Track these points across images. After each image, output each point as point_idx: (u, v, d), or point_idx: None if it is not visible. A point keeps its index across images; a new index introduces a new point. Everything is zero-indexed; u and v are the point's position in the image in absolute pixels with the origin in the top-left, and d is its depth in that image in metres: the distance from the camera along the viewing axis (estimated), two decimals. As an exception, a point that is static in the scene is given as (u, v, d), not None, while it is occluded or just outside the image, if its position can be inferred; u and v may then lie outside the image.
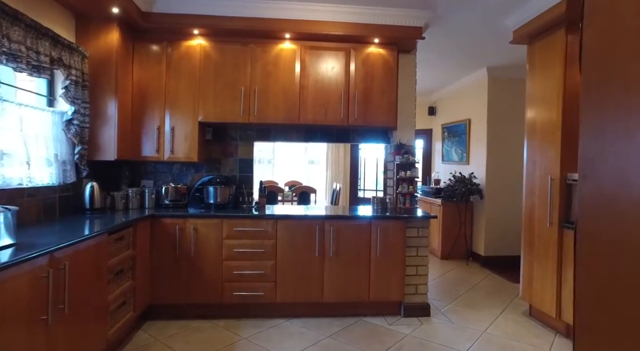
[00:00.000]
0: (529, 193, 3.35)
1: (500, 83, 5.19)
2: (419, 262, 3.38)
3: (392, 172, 3.85)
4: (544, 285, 3.12)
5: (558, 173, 2.98)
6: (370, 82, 3.55)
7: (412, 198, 3.63)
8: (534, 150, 3.29)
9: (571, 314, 2.82)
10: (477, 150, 5.44)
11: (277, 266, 3.22)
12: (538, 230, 3.20)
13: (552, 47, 3.07)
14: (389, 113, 3.57)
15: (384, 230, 3.29)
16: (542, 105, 3.19)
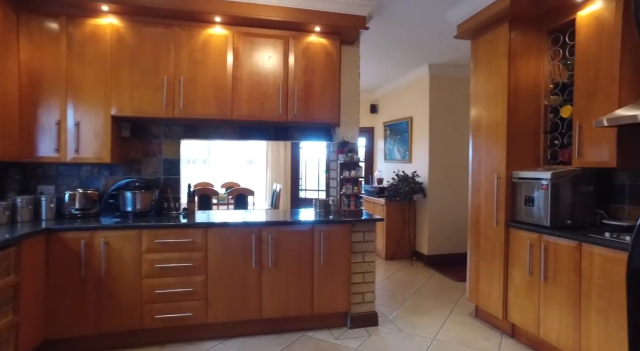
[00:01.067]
0: (474, 192, 3.27)
1: (441, 81, 5.17)
2: (366, 268, 3.16)
3: (335, 171, 3.59)
4: (491, 285, 3.04)
5: (504, 171, 2.91)
6: (311, 75, 3.25)
7: (357, 199, 3.39)
8: (479, 148, 3.21)
9: (517, 314, 2.75)
10: (420, 148, 5.40)
11: (209, 281, 2.81)
12: (484, 229, 3.12)
13: (496, 42, 3.00)
14: (332, 109, 3.30)
15: (327, 235, 3.02)
16: (487, 102, 3.12)
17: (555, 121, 2.90)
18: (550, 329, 2.53)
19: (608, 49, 2.43)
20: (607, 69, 2.43)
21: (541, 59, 2.96)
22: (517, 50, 2.90)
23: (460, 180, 5.25)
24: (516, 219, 2.86)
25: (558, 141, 2.88)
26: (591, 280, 2.26)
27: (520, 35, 2.90)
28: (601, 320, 2.20)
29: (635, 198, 2.55)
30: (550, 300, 2.53)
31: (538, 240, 2.62)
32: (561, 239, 2.45)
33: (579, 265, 2.33)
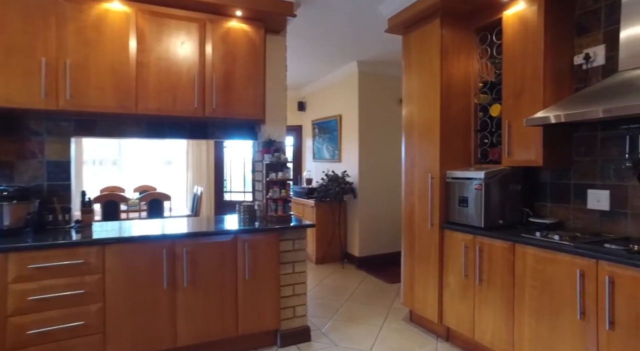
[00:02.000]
0: (408, 193, 3.15)
1: (370, 78, 5.08)
2: (296, 279, 2.87)
3: (260, 173, 3.25)
4: (426, 289, 2.95)
5: (438, 171, 2.82)
6: (232, 65, 2.87)
7: (286, 204, 3.09)
8: (412, 148, 3.10)
9: (452, 318, 2.67)
10: (349, 147, 5.26)
11: (107, 310, 2.30)
12: (419, 232, 3.02)
13: (428, 38, 2.90)
14: (256, 104, 2.96)
15: (253, 246, 2.68)
16: (419, 100, 3.01)
17: (485, 120, 2.88)
18: (484, 331, 2.47)
19: (533, 49, 2.43)
20: (532, 68, 2.43)
21: (470, 57, 2.92)
22: (449, 47, 2.82)
23: (391, 180, 5.22)
24: (450, 220, 2.79)
25: (488, 140, 2.87)
26: (524, 281, 2.22)
27: (450, 32, 2.83)
28: (533, 321, 2.16)
29: (557, 196, 2.60)
30: (484, 303, 2.47)
31: (472, 242, 2.56)
32: (495, 240, 2.40)
33: (513, 266, 2.29)
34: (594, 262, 1.88)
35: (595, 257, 1.88)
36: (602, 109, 1.91)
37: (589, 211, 2.42)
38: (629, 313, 1.75)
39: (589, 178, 2.42)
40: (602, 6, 2.37)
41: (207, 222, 2.98)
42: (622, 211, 2.26)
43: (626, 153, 2.22)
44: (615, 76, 2.10)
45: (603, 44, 2.35)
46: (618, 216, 2.28)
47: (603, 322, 1.84)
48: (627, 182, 2.24)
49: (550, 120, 2.13)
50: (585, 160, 2.44)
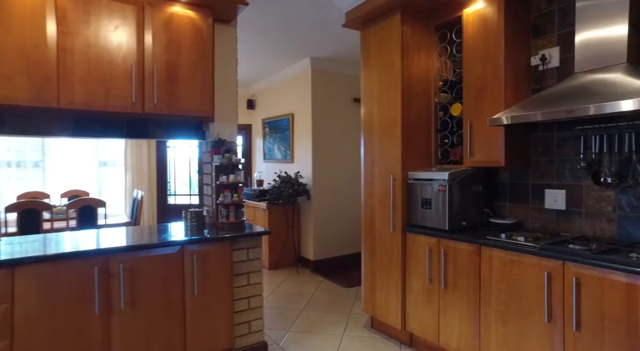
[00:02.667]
0: (368, 195, 3.03)
1: (324, 76, 4.93)
2: (252, 292, 2.63)
3: (209, 176, 2.96)
4: (388, 295, 2.84)
5: (400, 172, 2.72)
6: (176, 55, 2.56)
7: (238, 209, 2.83)
8: (372, 148, 2.98)
9: (416, 324, 2.59)
10: (302, 147, 5.07)
11: (15, 349, 1.90)
12: (380, 235, 2.91)
13: (388, 34, 2.79)
14: (204, 100, 2.67)
15: (203, 257, 2.39)
16: (379, 98, 2.90)
17: (445, 119, 2.83)
18: (450, 337, 2.41)
19: (494, 49, 2.40)
20: (493, 68, 2.40)
21: (430, 55, 2.86)
22: (409, 44, 2.73)
23: (346, 180, 5.12)
24: (413, 223, 2.70)
25: (448, 140, 2.82)
26: (491, 284, 2.17)
27: (410, 29, 2.74)
28: (500, 325, 2.12)
29: (515, 196, 2.61)
30: (450, 307, 2.41)
31: (437, 245, 2.48)
32: (461, 243, 2.33)
33: (479, 269, 2.24)
34: (561, 264, 1.86)
35: (562, 258, 1.86)
36: (566, 109, 1.90)
37: (547, 210, 2.45)
38: (595, 314, 1.74)
39: (546, 178, 2.44)
40: (555, 9, 2.40)
41: (149, 232, 2.63)
42: (578, 210, 2.30)
43: (580, 154, 2.25)
44: (573, 78, 2.11)
45: (557, 46, 2.38)
46: (573, 215, 2.32)
47: (570, 324, 1.82)
48: (581, 181, 2.28)
49: (528, 119, 2.08)
50: (543, 160, 2.46)
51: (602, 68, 2.02)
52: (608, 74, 1.97)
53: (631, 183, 2.07)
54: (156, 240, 2.33)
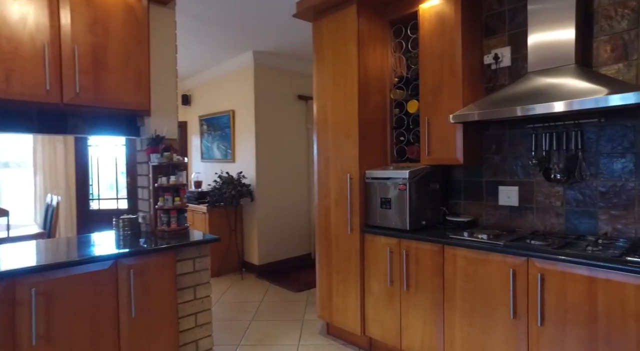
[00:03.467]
0: (322, 196, 2.88)
1: (268, 71, 4.69)
2: (199, 307, 2.34)
3: (146, 177, 2.60)
4: (346, 299, 2.72)
5: (357, 171, 2.61)
6: (103, 38, 2.18)
7: (180, 215, 2.51)
8: (326, 146, 2.83)
9: (377, 328, 2.50)
10: (244, 146, 4.78)
11: None
12: (336, 237, 2.77)
13: (343, 26, 2.66)
14: (139, 90, 2.32)
15: (141, 272, 2.06)
16: (334, 94, 2.76)
17: (400, 116, 2.78)
18: (413, 339, 2.35)
19: (450, 46, 2.39)
20: (450, 65, 2.39)
21: (385, 50, 2.79)
22: (365, 38, 2.63)
23: (291, 180, 4.94)
24: (372, 224, 2.60)
25: (404, 137, 2.78)
26: (455, 284, 2.14)
27: (367, 21, 2.64)
28: (465, 324, 2.10)
29: (469, 193, 2.64)
30: (413, 309, 2.35)
31: (398, 246, 2.41)
32: (423, 243, 2.28)
33: (442, 269, 2.20)
34: (525, 260, 1.87)
35: (526, 255, 1.87)
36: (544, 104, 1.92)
37: (501, 207, 2.50)
38: (558, 308, 1.77)
39: (500, 175, 2.49)
40: (505, 10, 2.45)
41: (69, 245, 2.22)
42: (529, 206, 2.37)
43: (532, 151, 2.32)
44: (527, 78, 2.15)
45: (509, 46, 2.43)
46: (526, 211, 2.39)
47: (535, 319, 1.84)
48: (533, 178, 2.35)
49: (499, 115, 2.04)
50: (496, 157, 2.51)
51: (553, 68, 2.08)
52: (558, 74, 2.03)
53: (578, 179, 2.17)
54: (80, 254, 1.95)
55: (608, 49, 2.07)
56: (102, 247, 2.12)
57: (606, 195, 2.09)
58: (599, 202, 2.11)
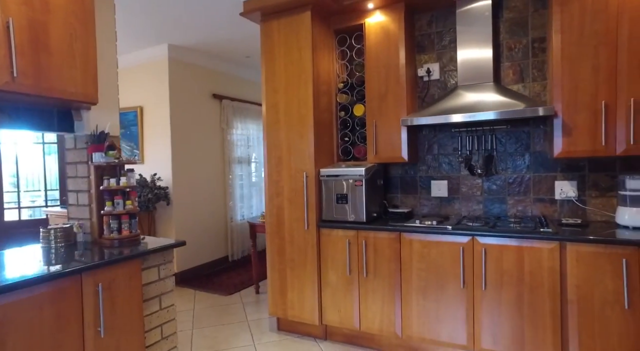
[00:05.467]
0: (274, 194, 2.92)
1: (182, 67, 4.42)
2: (165, 317, 2.17)
3: (85, 180, 2.27)
4: (303, 292, 2.83)
5: (313, 169, 2.75)
6: (43, 14, 1.85)
7: (132, 220, 2.27)
8: (278, 145, 2.89)
9: (334, 316, 2.69)
10: (156, 145, 4.41)
11: None
12: (291, 234, 2.85)
13: (297, 29, 2.77)
14: (86, 77, 2.03)
15: (109, 285, 1.83)
16: (287, 94, 2.83)
17: (345, 118, 3.02)
18: (372, 320, 2.61)
19: (395, 57, 2.73)
20: (396, 75, 2.73)
21: (331, 57, 2.99)
22: (317, 44, 2.79)
23: (208, 182, 4.75)
24: (327, 219, 2.77)
25: (349, 138, 3.02)
26: (411, 266, 2.47)
27: (318, 27, 2.81)
28: (421, 299, 2.45)
29: (405, 187, 3.04)
30: (371, 293, 2.60)
31: (356, 237, 2.64)
32: (381, 232, 2.55)
33: (399, 254, 2.51)
34: (471, 239, 2.30)
35: (471, 234, 2.29)
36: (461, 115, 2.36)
37: (433, 198, 2.95)
38: (497, 274, 2.24)
39: (432, 171, 2.94)
40: (434, 32, 2.92)
41: None
42: (456, 196, 2.87)
43: (459, 151, 2.82)
44: (458, 90, 2.62)
45: (437, 63, 2.90)
46: (453, 200, 2.88)
47: (479, 285, 2.28)
48: (459, 173, 2.86)
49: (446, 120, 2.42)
50: (428, 156, 2.95)
51: (477, 84, 2.59)
52: (482, 89, 2.54)
53: (493, 173, 2.74)
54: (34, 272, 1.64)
55: (511, 73, 2.68)
56: (29, 266, 1.80)
57: (512, 185, 2.70)
58: (508, 190, 2.71)
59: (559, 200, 2.58)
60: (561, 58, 2.27)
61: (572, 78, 2.25)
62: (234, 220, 5.11)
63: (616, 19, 2.15)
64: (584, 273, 2.05)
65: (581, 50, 2.22)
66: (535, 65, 2.60)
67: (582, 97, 2.23)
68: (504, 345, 2.23)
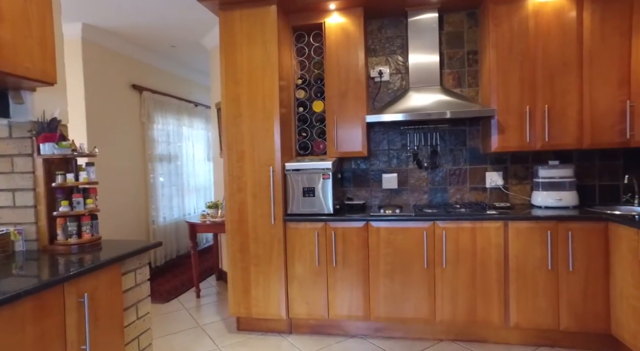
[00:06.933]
0: (235, 190, 2.82)
1: (97, 51, 3.92)
2: (141, 327, 1.95)
3: (29, 176, 1.89)
4: (268, 288, 2.79)
5: (279, 163, 2.74)
6: (-21, -31, 1.51)
7: (94, 221, 1.96)
8: (240, 139, 2.79)
9: (302, 307, 2.76)
10: (67, 140, 3.79)
11: None
12: (255, 230, 2.79)
13: (261, 22, 2.72)
14: (44, 52, 1.71)
15: (92, 295, 1.59)
16: (250, 88, 2.76)
17: (304, 114, 3.07)
18: (341, 307, 2.72)
19: (355, 58, 2.90)
20: (356, 74, 2.90)
21: (290, 53, 3.01)
22: (281, 38, 2.79)
23: (128, 181, 4.27)
24: (294, 212, 2.79)
25: (306, 133, 3.08)
26: (378, 252, 2.66)
27: (281, 22, 2.81)
28: (388, 282, 2.66)
29: (358, 181, 3.24)
30: (340, 282, 2.72)
31: (324, 228, 2.72)
32: (350, 222, 2.69)
33: (367, 242, 2.68)
34: (432, 224, 2.59)
35: (432, 220, 2.59)
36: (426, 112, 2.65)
37: (384, 190, 3.20)
38: (454, 252, 2.57)
39: (383, 165, 3.19)
40: (384, 37, 3.17)
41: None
42: (405, 188, 3.18)
43: (407, 147, 3.13)
44: (410, 92, 2.91)
45: (387, 66, 3.16)
46: (402, 191, 3.18)
47: (440, 263, 2.58)
48: (407, 166, 3.17)
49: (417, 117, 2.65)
50: (380, 151, 3.19)
51: (426, 87, 2.92)
52: (431, 91, 2.87)
53: (437, 166, 3.11)
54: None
55: (451, 79, 3.09)
56: None
57: (452, 176, 3.11)
58: (449, 181, 3.11)
59: (489, 188, 3.06)
60: (497, 70, 2.72)
61: (504, 86, 2.71)
62: (156, 223, 4.69)
63: (534, 40, 2.67)
64: (521, 245, 2.50)
65: (511, 64, 2.70)
66: (470, 74, 3.05)
67: (512, 102, 2.71)
68: (460, 314, 2.58)
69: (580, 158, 2.94)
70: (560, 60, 2.65)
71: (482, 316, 2.55)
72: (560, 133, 2.67)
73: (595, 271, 2.42)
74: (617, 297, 2.33)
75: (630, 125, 2.57)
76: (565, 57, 2.64)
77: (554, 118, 2.67)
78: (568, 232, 2.43)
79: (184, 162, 5.32)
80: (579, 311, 2.44)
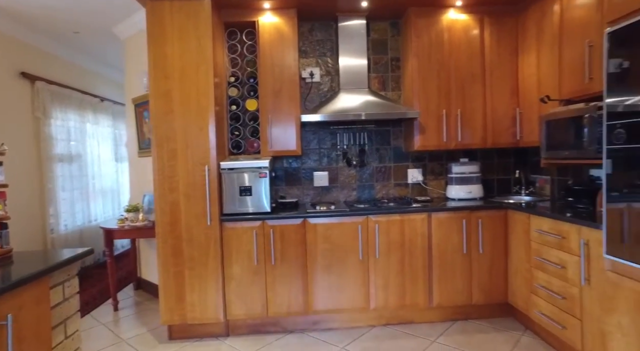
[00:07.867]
0: (165, 190, 2.65)
1: None
2: (70, 347, 1.74)
3: None
4: (205, 291, 2.68)
5: (215, 162, 2.65)
6: None
7: (4, 230, 1.68)
8: (172, 137, 2.63)
9: (240, 308, 2.76)
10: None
11: None
12: (188, 232, 2.66)
13: (195, 16, 2.60)
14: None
15: (16, 316, 1.38)
16: (183, 84, 2.62)
17: (236, 113, 3.01)
18: (280, 304, 2.74)
19: (289, 58, 2.94)
20: (290, 74, 2.94)
21: (221, 49, 2.92)
22: (215, 34, 2.70)
23: (18, 186, 3.70)
24: (230, 212, 2.73)
25: (239, 132, 3.03)
26: (316, 247, 2.75)
27: (215, 17, 2.71)
28: (325, 275, 2.76)
29: (290, 180, 3.29)
30: (279, 279, 2.73)
31: (262, 227, 2.71)
32: (288, 220, 2.72)
33: (304, 238, 2.74)
34: (365, 218, 2.76)
35: (365, 214, 2.76)
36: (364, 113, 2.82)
37: (315, 188, 3.30)
38: (386, 243, 2.78)
39: (314, 164, 3.29)
40: (315, 39, 3.27)
41: None
42: (335, 185, 3.32)
43: (337, 146, 3.28)
44: (341, 95, 3.05)
45: (317, 67, 3.27)
46: (333, 189, 3.32)
47: (374, 254, 2.77)
48: (337, 165, 3.31)
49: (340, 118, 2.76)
50: (311, 150, 3.28)
51: (356, 89, 3.10)
52: (361, 93, 3.06)
53: (365, 164, 3.31)
54: None
55: (376, 82, 3.31)
56: None
57: (379, 173, 3.34)
58: (375, 178, 3.34)
59: (411, 184, 3.37)
60: (418, 76, 3.00)
61: (425, 92, 3.01)
62: (56, 231, 4.13)
63: (449, 52, 3.02)
64: (442, 234, 2.81)
65: (430, 72, 3.01)
66: (393, 79, 3.31)
67: (431, 106, 3.02)
68: (392, 300, 2.80)
69: (483, 157, 3.41)
70: (468, 70, 3.03)
71: (410, 300, 2.81)
72: (469, 135, 3.06)
73: (498, 251, 2.84)
74: (513, 271, 2.77)
75: (519, 128, 3.06)
76: (472, 68, 3.04)
77: (465, 121, 3.05)
78: (478, 219, 2.81)
79: (88, 162, 4.77)
80: (486, 287, 2.84)
